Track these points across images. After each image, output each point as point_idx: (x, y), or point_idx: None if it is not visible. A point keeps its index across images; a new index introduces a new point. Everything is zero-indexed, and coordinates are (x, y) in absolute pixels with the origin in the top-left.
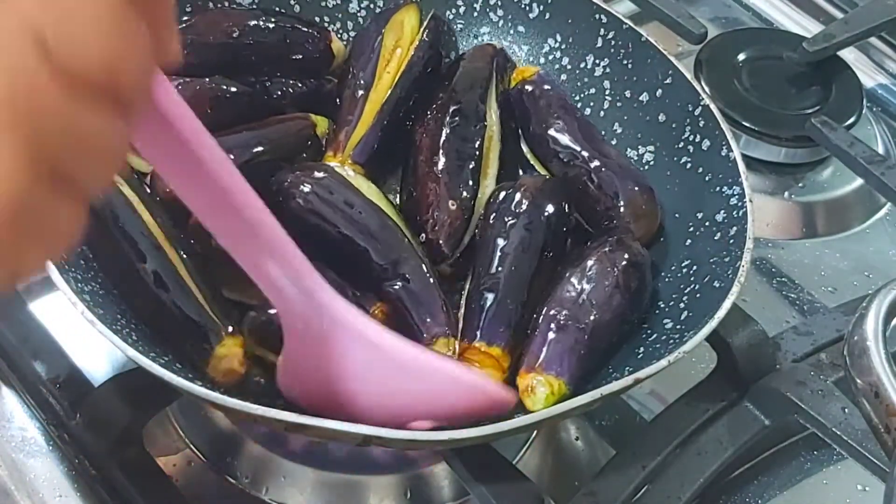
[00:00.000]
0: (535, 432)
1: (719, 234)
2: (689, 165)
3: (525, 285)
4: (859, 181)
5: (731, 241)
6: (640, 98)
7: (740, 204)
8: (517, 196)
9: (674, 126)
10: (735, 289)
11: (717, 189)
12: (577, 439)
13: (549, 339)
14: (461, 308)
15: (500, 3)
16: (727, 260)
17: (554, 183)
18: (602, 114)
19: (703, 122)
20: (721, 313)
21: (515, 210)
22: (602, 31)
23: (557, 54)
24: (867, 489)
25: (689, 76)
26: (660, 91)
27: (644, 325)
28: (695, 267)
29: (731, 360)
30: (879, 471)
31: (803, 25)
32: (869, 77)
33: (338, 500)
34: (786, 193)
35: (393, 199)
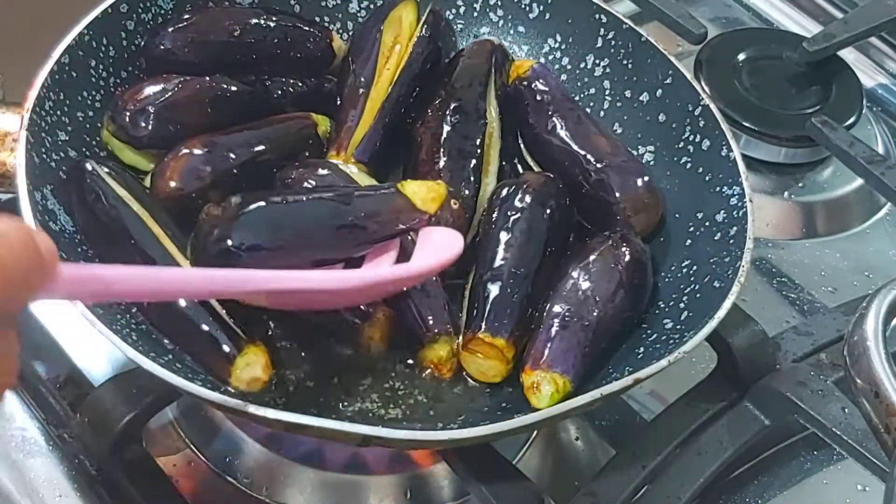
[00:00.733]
0: (535, 432)
1: (719, 234)
2: (689, 165)
3: (529, 278)
4: (859, 181)
5: (731, 241)
6: (640, 98)
7: (740, 204)
8: (520, 192)
9: (674, 126)
10: (735, 289)
11: (717, 189)
12: (577, 439)
13: (554, 337)
14: (465, 302)
15: (500, 3)
16: (727, 260)
17: (556, 179)
18: (602, 114)
19: (703, 122)
20: (721, 313)
21: (518, 205)
22: (602, 31)
23: (557, 54)
24: (867, 489)
25: (689, 76)
26: (660, 91)
27: (644, 325)
28: (695, 267)
29: (731, 360)
30: (879, 471)
31: (803, 25)
32: (869, 77)
33: (338, 500)
34: (786, 193)
35: None
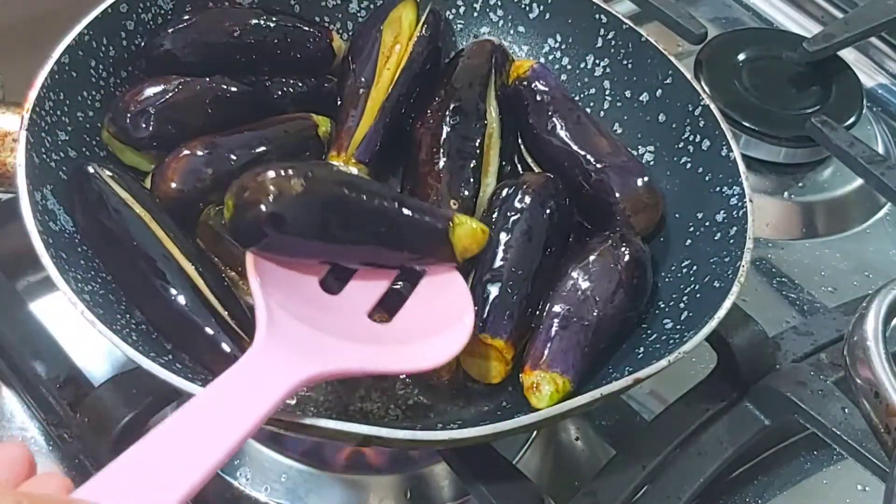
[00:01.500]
0: (535, 432)
1: (719, 234)
2: (689, 165)
3: (528, 278)
4: (859, 181)
5: (731, 241)
6: (640, 98)
7: (740, 204)
8: (519, 193)
9: (674, 126)
10: (735, 289)
11: (717, 189)
12: (577, 439)
13: (553, 337)
14: None
15: (500, 3)
16: (727, 260)
17: (556, 180)
18: (602, 114)
19: (703, 122)
20: (721, 313)
21: (518, 206)
22: (602, 31)
23: (557, 54)
24: (867, 489)
25: (689, 76)
26: (660, 91)
27: (644, 325)
28: (695, 267)
29: (731, 360)
30: (879, 471)
31: (803, 25)
32: (869, 77)
33: (338, 500)
34: (786, 193)
35: None
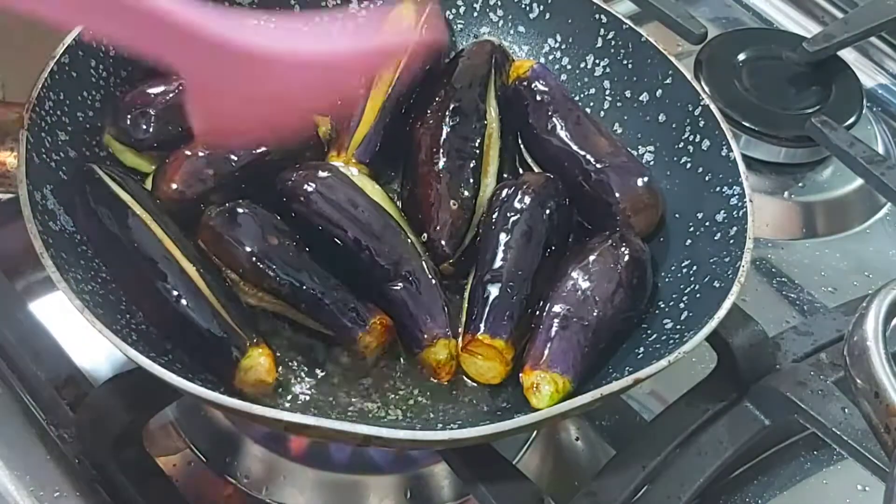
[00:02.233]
0: (535, 432)
1: (719, 234)
2: (689, 165)
3: (528, 279)
4: (859, 181)
5: (731, 241)
6: (640, 98)
7: (740, 204)
8: (519, 193)
9: (674, 126)
10: (735, 289)
11: (717, 189)
12: (577, 439)
13: (553, 337)
14: (464, 304)
15: (500, 3)
16: (727, 260)
17: (556, 180)
18: (602, 114)
19: (703, 122)
20: (721, 313)
21: (518, 206)
22: (602, 31)
23: (557, 54)
24: (867, 489)
25: (689, 76)
26: (660, 91)
27: (644, 325)
28: (695, 267)
29: (731, 360)
30: (879, 471)
31: (803, 25)
32: (869, 77)
33: (338, 500)
34: (786, 193)
35: (394, 197)
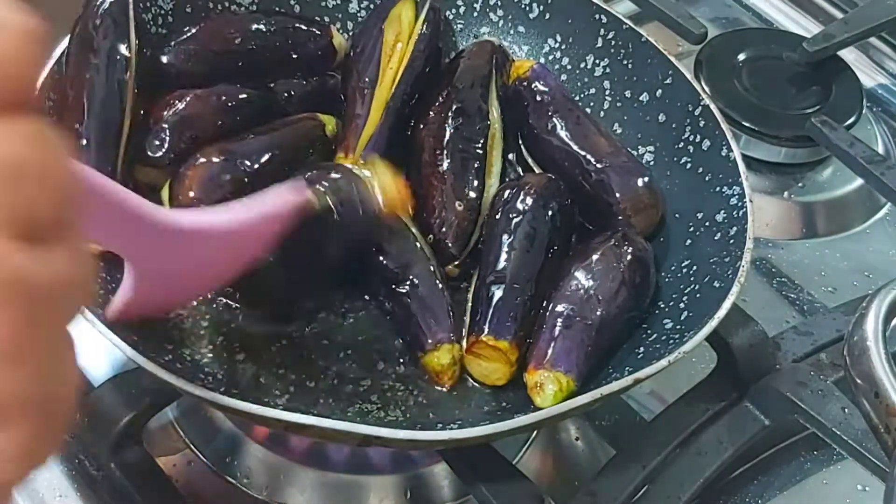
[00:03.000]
0: (535, 432)
1: (719, 234)
2: (689, 165)
3: (531, 280)
4: (859, 181)
5: (731, 241)
6: (640, 98)
7: (740, 204)
8: (522, 194)
9: (674, 126)
10: (735, 289)
11: (717, 189)
12: (577, 439)
13: (557, 336)
14: (468, 305)
15: (500, 3)
16: (727, 260)
17: (557, 180)
18: (602, 114)
19: (703, 122)
20: (721, 313)
21: (521, 208)
22: (602, 31)
23: (557, 54)
24: (867, 489)
25: (689, 76)
26: (660, 91)
27: (644, 325)
28: (695, 267)
29: (731, 360)
30: (879, 471)
31: (803, 25)
32: (869, 77)
33: (338, 500)
34: (786, 193)
35: None
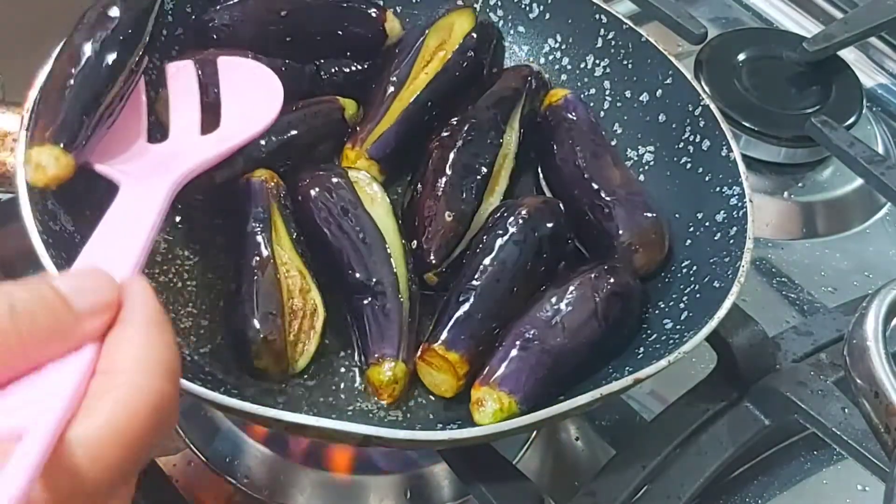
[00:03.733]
0: (535, 432)
1: (719, 234)
2: (689, 165)
3: (499, 300)
4: (859, 181)
5: (731, 241)
6: (640, 98)
7: (740, 204)
8: (512, 215)
9: (674, 126)
10: (735, 289)
11: (717, 189)
12: (577, 439)
13: (511, 357)
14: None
15: (500, 3)
16: (727, 260)
17: (553, 204)
18: (602, 114)
19: (703, 122)
20: (721, 313)
21: (507, 227)
22: (602, 31)
23: (557, 54)
24: (867, 489)
25: (689, 76)
26: (660, 91)
27: (644, 325)
28: (695, 267)
29: (731, 360)
30: (879, 471)
31: (803, 25)
32: (869, 77)
33: (338, 500)
34: (786, 193)
35: (403, 203)
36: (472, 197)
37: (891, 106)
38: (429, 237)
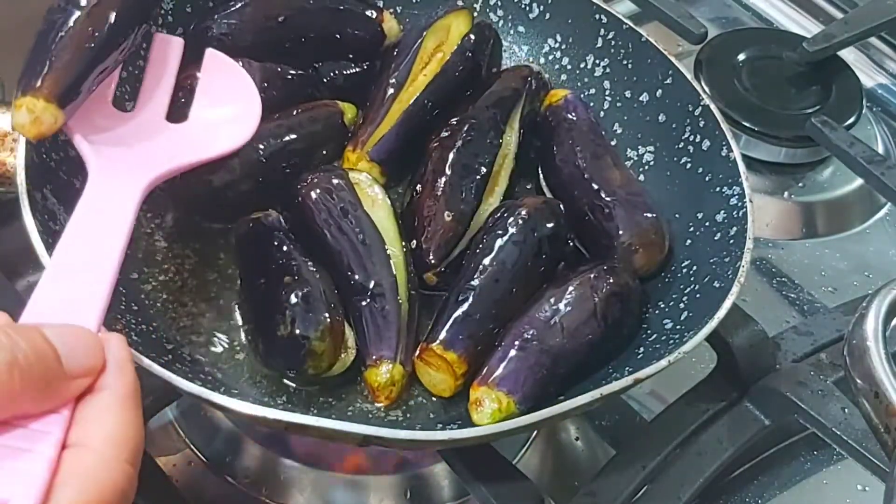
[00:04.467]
0: (535, 432)
1: (719, 234)
2: (689, 165)
3: (498, 300)
4: (859, 181)
5: (731, 241)
6: (640, 98)
7: (740, 204)
8: (512, 215)
9: (674, 126)
10: (735, 289)
11: (717, 189)
12: (577, 439)
13: (510, 357)
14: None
15: (500, 3)
16: (727, 260)
17: (553, 205)
18: (602, 114)
19: (703, 122)
20: (721, 313)
21: (507, 227)
22: (602, 31)
23: (557, 54)
24: (867, 489)
25: (689, 76)
26: (660, 91)
27: (644, 325)
28: (695, 267)
29: (731, 360)
30: (879, 471)
31: (803, 25)
32: (869, 77)
33: (338, 500)
34: (786, 193)
35: (403, 203)
36: (472, 197)
37: (891, 106)
38: (428, 237)
